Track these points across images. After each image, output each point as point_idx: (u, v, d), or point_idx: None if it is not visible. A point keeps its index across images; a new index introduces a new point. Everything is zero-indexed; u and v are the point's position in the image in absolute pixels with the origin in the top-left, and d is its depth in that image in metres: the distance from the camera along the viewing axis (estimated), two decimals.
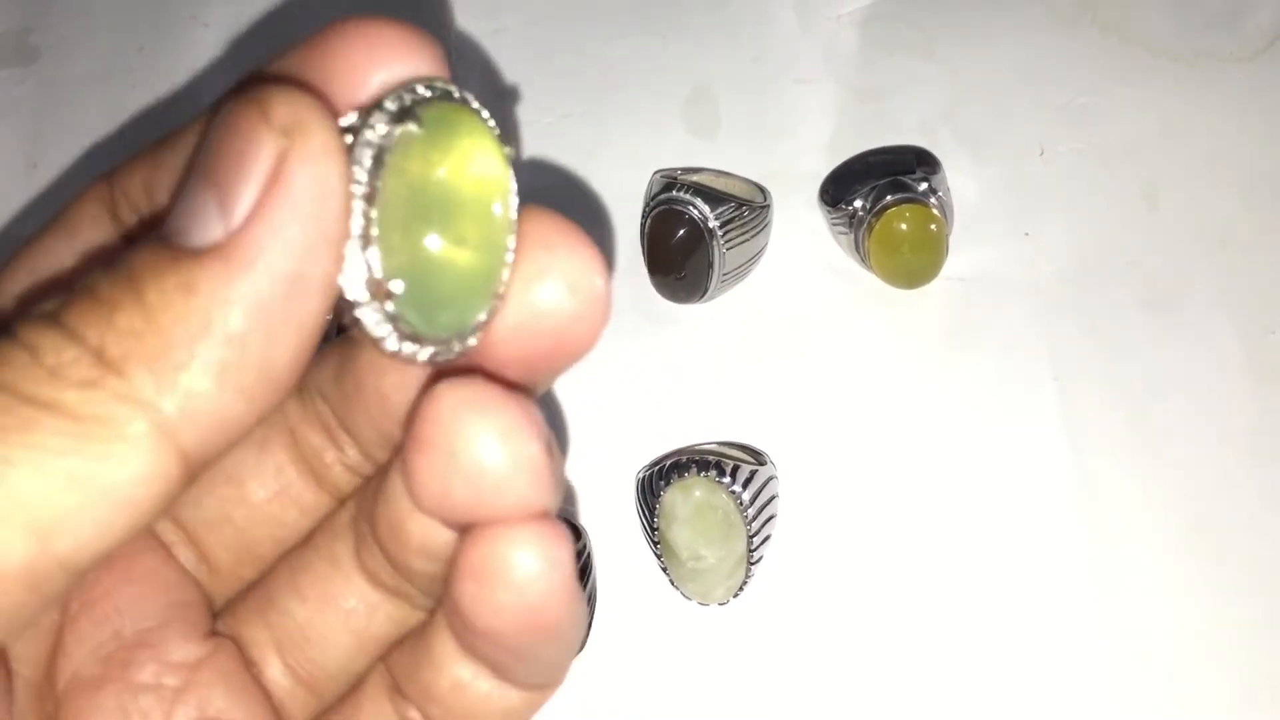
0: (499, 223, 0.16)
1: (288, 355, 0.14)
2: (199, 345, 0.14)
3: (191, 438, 0.14)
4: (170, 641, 0.19)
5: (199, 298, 0.14)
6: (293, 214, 0.14)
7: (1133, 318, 0.38)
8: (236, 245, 0.14)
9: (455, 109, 0.16)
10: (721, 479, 0.33)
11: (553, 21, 0.45)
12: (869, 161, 0.40)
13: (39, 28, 0.46)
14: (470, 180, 0.16)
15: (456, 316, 0.16)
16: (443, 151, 0.15)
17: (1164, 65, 0.42)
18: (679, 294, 0.38)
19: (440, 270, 0.16)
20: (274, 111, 0.14)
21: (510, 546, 0.16)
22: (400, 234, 0.15)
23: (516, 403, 0.16)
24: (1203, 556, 0.35)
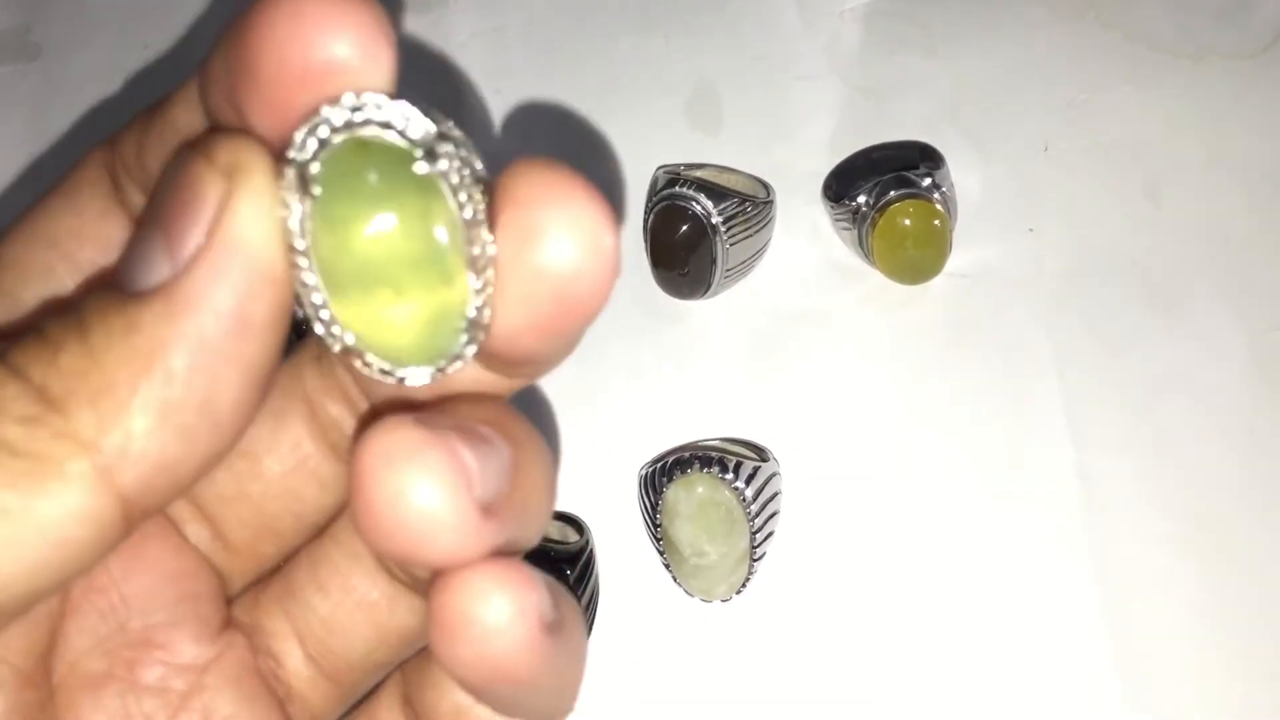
0: (439, 250, 0.15)
1: (232, 395, 0.14)
2: (141, 384, 0.14)
3: (131, 478, 0.14)
4: (179, 640, 0.19)
5: (141, 336, 0.14)
6: (235, 253, 0.14)
7: (1136, 314, 0.38)
8: (179, 285, 0.14)
9: (355, 151, 0.15)
10: (724, 475, 0.33)
11: (554, 19, 0.45)
12: (872, 157, 0.39)
13: (40, 25, 0.46)
14: (385, 235, 0.15)
15: (431, 352, 0.16)
16: (344, 219, 0.15)
17: (1168, 62, 0.42)
18: (682, 290, 0.38)
19: (392, 329, 0.15)
20: (216, 155, 0.14)
21: (469, 597, 0.15)
22: (341, 301, 0.15)
23: (441, 449, 0.15)
24: (1205, 553, 0.34)
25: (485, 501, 0.15)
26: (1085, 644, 0.34)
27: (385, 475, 0.14)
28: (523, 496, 0.16)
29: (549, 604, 0.16)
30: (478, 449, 0.15)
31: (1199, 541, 0.35)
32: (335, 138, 0.15)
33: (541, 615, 0.16)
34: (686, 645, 0.34)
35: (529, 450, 0.17)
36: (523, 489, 0.16)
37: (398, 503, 0.14)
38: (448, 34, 0.45)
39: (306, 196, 0.15)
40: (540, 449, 0.17)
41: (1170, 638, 0.34)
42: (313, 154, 0.15)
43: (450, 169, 0.15)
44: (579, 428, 0.37)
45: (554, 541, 0.34)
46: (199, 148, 0.14)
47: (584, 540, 0.34)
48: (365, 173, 0.15)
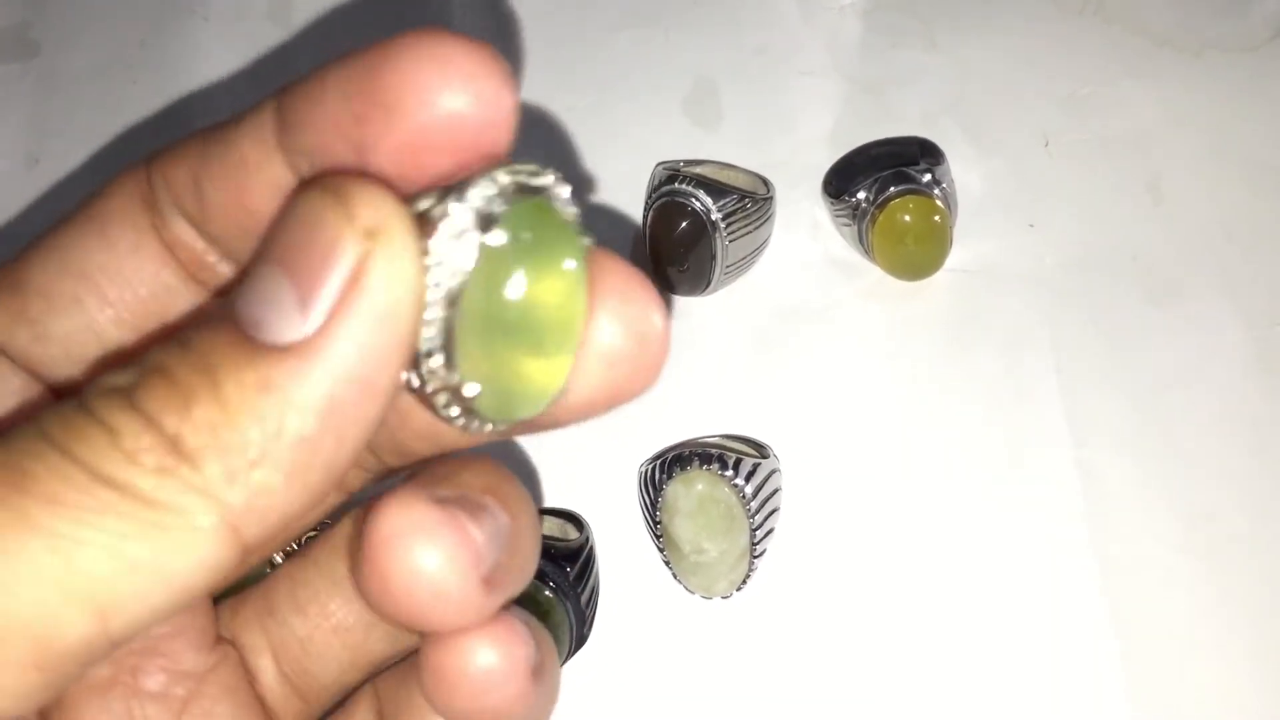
0: (574, 326, 0.16)
1: (350, 452, 0.15)
2: (271, 444, 0.14)
3: (254, 530, 0.14)
4: (180, 650, 0.19)
5: (275, 397, 0.14)
6: (370, 319, 0.14)
7: (1137, 309, 0.38)
8: (314, 347, 0.14)
9: (538, 209, 0.15)
10: (724, 472, 0.33)
11: (554, 14, 0.45)
12: (872, 153, 0.39)
13: (39, 22, 0.46)
14: (553, 292, 0.15)
15: (528, 410, 0.16)
16: (527, 266, 0.15)
17: (1169, 55, 0.42)
18: (682, 286, 0.38)
19: (520, 381, 0.16)
20: (358, 211, 0.14)
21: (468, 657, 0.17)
22: (478, 342, 0.15)
23: (453, 529, 0.16)
24: (1207, 548, 0.34)
25: (489, 573, 0.16)
26: (1087, 639, 0.34)
27: (399, 552, 0.15)
28: (519, 562, 0.17)
29: (534, 654, 0.17)
30: (482, 524, 0.16)
31: (1200, 536, 0.35)
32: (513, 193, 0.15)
33: (530, 666, 0.17)
34: (686, 642, 0.34)
35: (524, 517, 0.18)
36: (519, 555, 0.17)
37: (409, 579, 0.16)
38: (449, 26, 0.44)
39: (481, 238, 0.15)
40: (531, 513, 0.18)
41: (1173, 632, 0.34)
42: (491, 201, 0.15)
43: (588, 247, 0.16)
44: (579, 425, 0.37)
45: (554, 538, 0.34)
46: (332, 192, 0.14)
47: (584, 537, 0.34)
48: (550, 230, 0.15)
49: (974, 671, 0.33)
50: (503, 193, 0.15)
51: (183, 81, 0.44)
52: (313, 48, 0.45)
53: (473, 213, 0.15)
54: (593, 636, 0.34)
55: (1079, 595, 0.34)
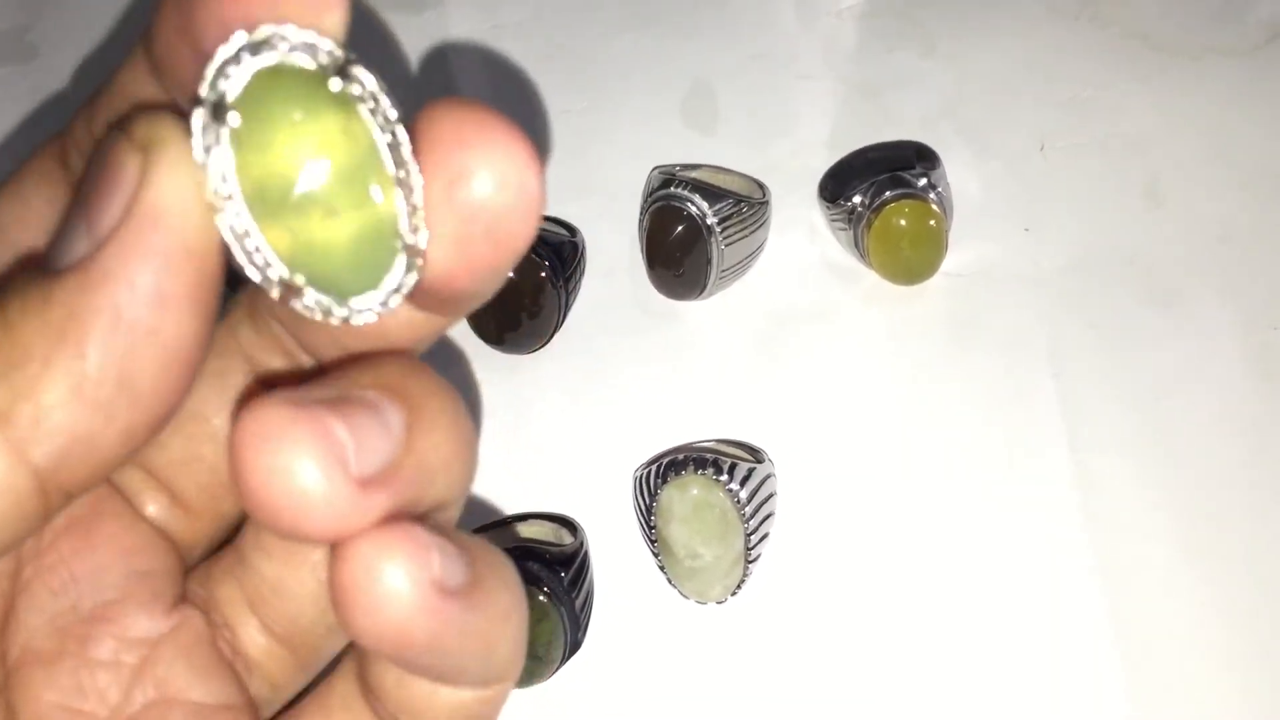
0: (364, 165, 0.15)
1: (151, 370, 0.14)
2: (55, 358, 0.14)
3: (45, 451, 0.14)
4: (130, 616, 0.18)
5: (55, 311, 0.14)
6: (151, 226, 0.14)
7: (1134, 313, 0.38)
8: (95, 259, 0.14)
9: (267, 78, 0.15)
10: (719, 477, 0.33)
11: (550, 17, 0.45)
12: (868, 157, 0.39)
13: (37, 26, 0.46)
14: (309, 153, 0.15)
15: (369, 277, 0.16)
16: (265, 143, 0.15)
17: (1166, 59, 0.42)
18: (677, 291, 0.38)
19: (326, 250, 0.15)
20: (134, 131, 0.14)
21: (354, 567, 0.15)
22: (273, 230, 0.15)
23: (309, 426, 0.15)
24: (1205, 552, 0.34)
25: (367, 472, 0.15)
26: (1086, 641, 0.33)
27: (255, 456, 0.14)
28: (421, 457, 0.16)
29: (452, 565, 0.16)
30: (354, 419, 0.15)
31: (1199, 539, 0.35)
32: (243, 68, 0.14)
33: (437, 578, 0.15)
34: (681, 648, 0.34)
35: (429, 409, 0.16)
36: (420, 450, 0.16)
37: (269, 483, 0.14)
38: (444, 33, 0.44)
39: (224, 128, 0.14)
40: (444, 405, 0.17)
41: (1172, 634, 0.33)
42: (222, 86, 0.14)
43: (365, 94, 0.15)
44: (573, 428, 0.37)
45: (549, 543, 0.34)
46: (121, 126, 0.14)
47: (578, 542, 0.34)
48: (280, 97, 0.15)
49: (972, 675, 0.33)
50: (227, 69, 0.14)
51: None
52: None
53: (206, 106, 0.15)
54: (587, 642, 0.34)
55: (1078, 598, 0.34)
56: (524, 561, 0.32)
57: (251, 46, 0.14)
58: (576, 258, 0.38)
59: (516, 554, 0.32)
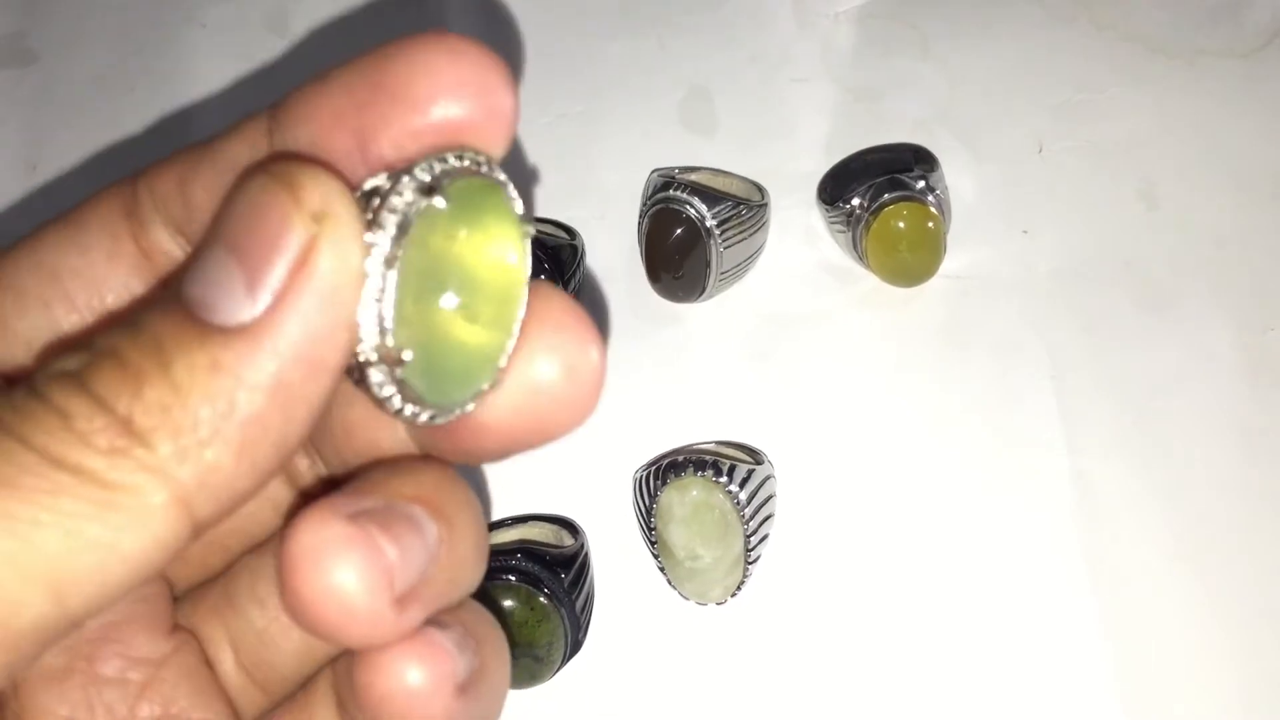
0: (512, 303, 0.16)
1: (299, 431, 0.15)
2: (223, 424, 0.14)
3: (205, 507, 0.15)
4: (135, 636, 0.19)
5: (225, 378, 0.14)
6: (317, 300, 0.15)
7: (1130, 315, 0.38)
8: (262, 328, 0.14)
9: (483, 186, 0.16)
10: (719, 478, 0.33)
11: (549, 21, 0.45)
12: (866, 160, 0.39)
13: (36, 30, 0.46)
14: (489, 260, 0.16)
15: (462, 390, 0.16)
16: (467, 229, 0.16)
17: (1161, 62, 0.42)
18: (676, 293, 0.38)
19: (451, 345, 0.16)
20: (305, 195, 0.14)
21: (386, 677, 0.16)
22: (414, 304, 0.15)
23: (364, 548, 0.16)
24: (1200, 555, 0.34)
25: (406, 588, 0.16)
26: (1080, 645, 0.34)
27: (307, 570, 0.15)
28: (450, 574, 0.17)
29: (465, 662, 0.17)
30: (401, 538, 0.16)
31: (1193, 542, 0.35)
32: (458, 172, 0.16)
33: (455, 680, 0.17)
34: (681, 649, 0.34)
35: (461, 523, 0.17)
36: (450, 566, 0.17)
37: (318, 597, 0.15)
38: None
39: (432, 199, 0.15)
40: (472, 518, 0.18)
41: (1165, 637, 0.34)
42: (438, 174, 0.15)
43: (529, 230, 0.16)
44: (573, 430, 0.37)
45: (549, 545, 0.34)
46: (279, 178, 0.15)
47: (579, 544, 0.34)
48: (492, 207, 0.16)
49: (968, 678, 0.33)
50: (449, 170, 0.15)
51: (180, 90, 0.45)
52: (310, 57, 0.45)
53: (417, 182, 0.15)
54: (587, 643, 0.34)
55: (1072, 600, 0.34)
56: (525, 563, 0.32)
57: (454, 155, 0.16)
58: (575, 261, 0.38)
59: (517, 555, 0.32)
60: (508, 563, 0.32)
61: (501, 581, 0.32)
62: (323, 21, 0.46)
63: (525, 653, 0.32)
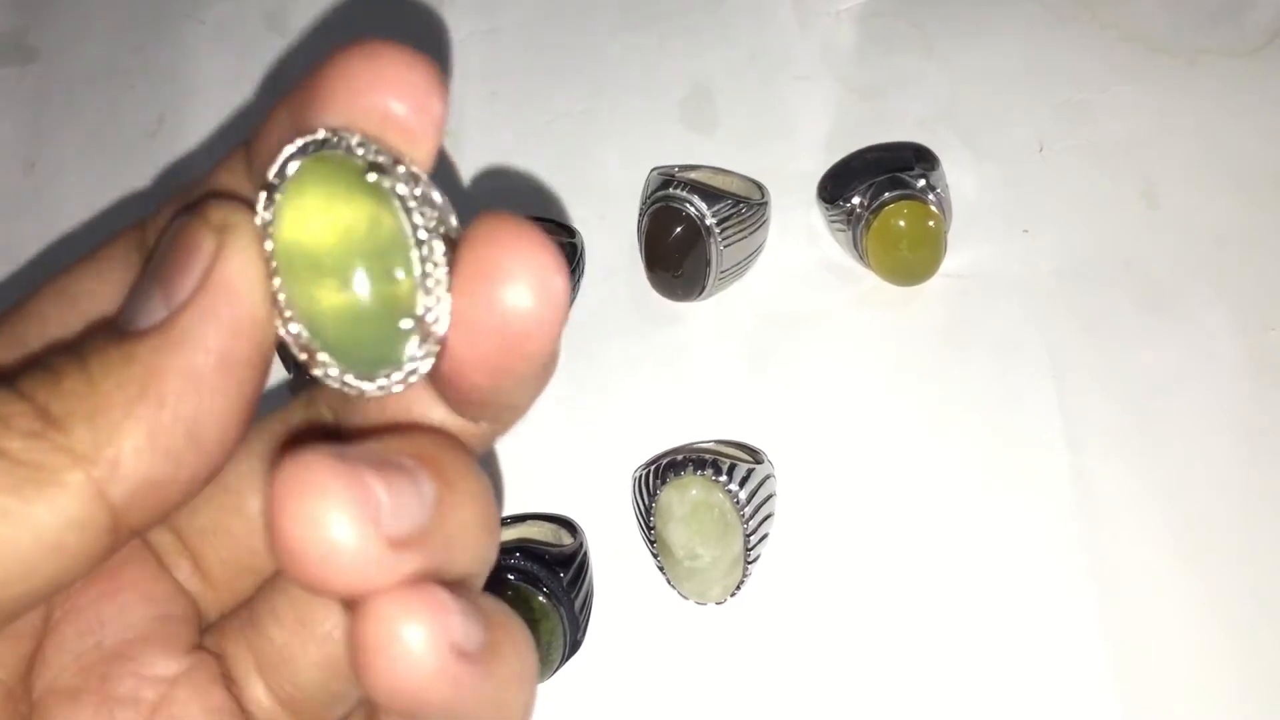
0: (384, 248, 0.16)
1: (216, 424, 0.16)
2: (134, 408, 0.15)
3: (121, 491, 0.15)
4: (149, 654, 0.19)
5: (136, 366, 0.16)
6: (223, 298, 0.16)
7: (1131, 314, 0.38)
8: (173, 323, 0.16)
9: (313, 166, 0.16)
10: (718, 478, 0.33)
11: (550, 19, 0.45)
12: (867, 158, 0.39)
13: (37, 28, 0.46)
14: (333, 228, 0.16)
15: (375, 352, 0.16)
16: (298, 219, 0.16)
17: (1163, 61, 0.42)
18: (676, 292, 0.38)
19: (337, 318, 0.16)
20: (211, 215, 0.16)
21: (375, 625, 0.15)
22: (298, 290, 0.16)
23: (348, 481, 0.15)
24: (1201, 554, 0.34)
25: (398, 534, 0.15)
26: (1080, 645, 0.34)
27: (293, 505, 0.15)
28: (449, 531, 0.17)
29: (470, 629, 0.16)
30: (392, 482, 0.16)
31: (1194, 541, 0.35)
32: (299, 159, 0.16)
33: (455, 641, 0.16)
34: (680, 648, 0.34)
35: (461, 487, 0.17)
36: (449, 524, 0.17)
37: (303, 530, 0.15)
38: (444, 34, 0.45)
39: (271, 207, 0.16)
40: (475, 487, 0.18)
41: (1166, 636, 0.34)
42: (279, 171, 0.16)
43: (407, 194, 0.16)
44: (573, 429, 0.37)
45: (548, 544, 0.34)
46: (195, 211, 0.16)
47: (578, 542, 0.34)
48: (321, 182, 0.16)
49: (968, 677, 0.33)
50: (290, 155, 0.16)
51: (180, 87, 0.45)
52: (309, 54, 0.45)
53: (265, 188, 0.16)
54: (586, 642, 0.34)
55: (1072, 600, 0.34)
56: (524, 562, 0.32)
57: (315, 144, 0.16)
58: (576, 259, 0.38)
59: (516, 554, 0.32)
60: (506, 561, 0.32)
61: (500, 581, 0.32)
62: (322, 19, 0.46)
63: None
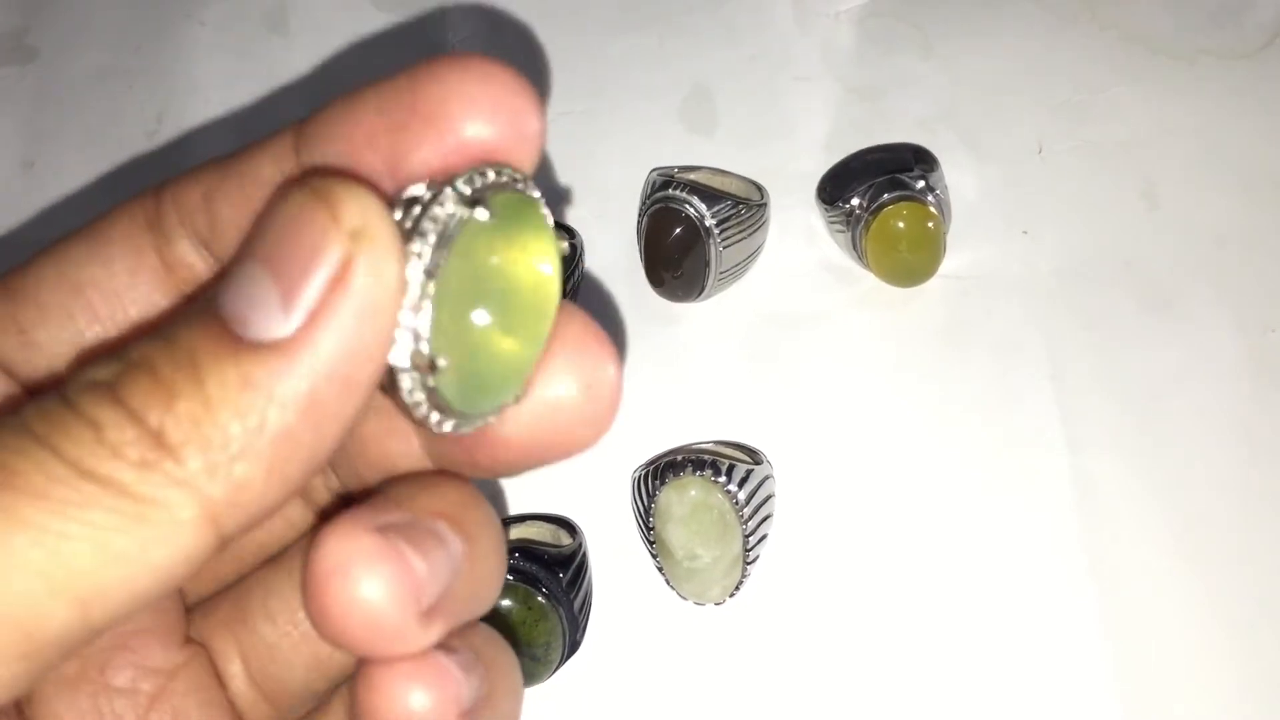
0: (544, 318, 0.16)
1: (330, 445, 0.15)
2: (252, 439, 0.14)
3: (233, 522, 0.15)
4: (148, 646, 0.19)
5: (258, 394, 0.14)
6: (353, 318, 0.14)
7: (1131, 316, 0.38)
8: (297, 345, 0.14)
9: (521, 200, 0.16)
10: (717, 478, 0.33)
11: (549, 19, 0.45)
12: (866, 159, 0.39)
13: (36, 27, 0.46)
14: (527, 274, 0.16)
15: (490, 400, 0.16)
16: (507, 242, 0.16)
17: (1163, 62, 0.42)
18: (676, 292, 0.38)
19: (485, 356, 0.16)
20: (343, 212, 0.14)
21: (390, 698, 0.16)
22: (451, 314, 0.15)
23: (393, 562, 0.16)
24: (1200, 555, 0.34)
25: (429, 603, 0.16)
26: (1080, 645, 0.34)
27: (337, 583, 0.15)
28: (471, 590, 0.17)
29: (471, 687, 0.17)
30: (429, 553, 0.16)
31: (1194, 542, 0.35)
32: (499, 186, 0.16)
33: (460, 705, 0.17)
34: (679, 649, 0.34)
35: (483, 543, 0.17)
36: (471, 582, 0.17)
37: (346, 609, 0.15)
38: (443, 34, 0.45)
39: (474, 210, 0.15)
40: (494, 541, 0.18)
41: (1165, 638, 0.34)
42: (479, 188, 0.16)
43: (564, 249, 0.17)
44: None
45: (547, 544, 0.34)
46: (317, 193, 0.15)
47: (577, 543, 0.34)
48: (531, 221, 0.16)
49: (968, 678, 0.33)
50: (490, 184, 0.16)
51: (179, 87, 0.45)
52: (309, 54, 0.45)
53: (458, 194, 0.15)
54: (585, 643, 0.34)
55: (1072, 600, 0.34)
56: (523, 562, 0.32)
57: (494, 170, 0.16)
58: (575, 259, 0.38)
59: (515, 554, 0.32)
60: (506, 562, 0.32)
61: None
62: (322, 20, 0.46)
63: (523, 652, 0.32)
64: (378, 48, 0.44)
